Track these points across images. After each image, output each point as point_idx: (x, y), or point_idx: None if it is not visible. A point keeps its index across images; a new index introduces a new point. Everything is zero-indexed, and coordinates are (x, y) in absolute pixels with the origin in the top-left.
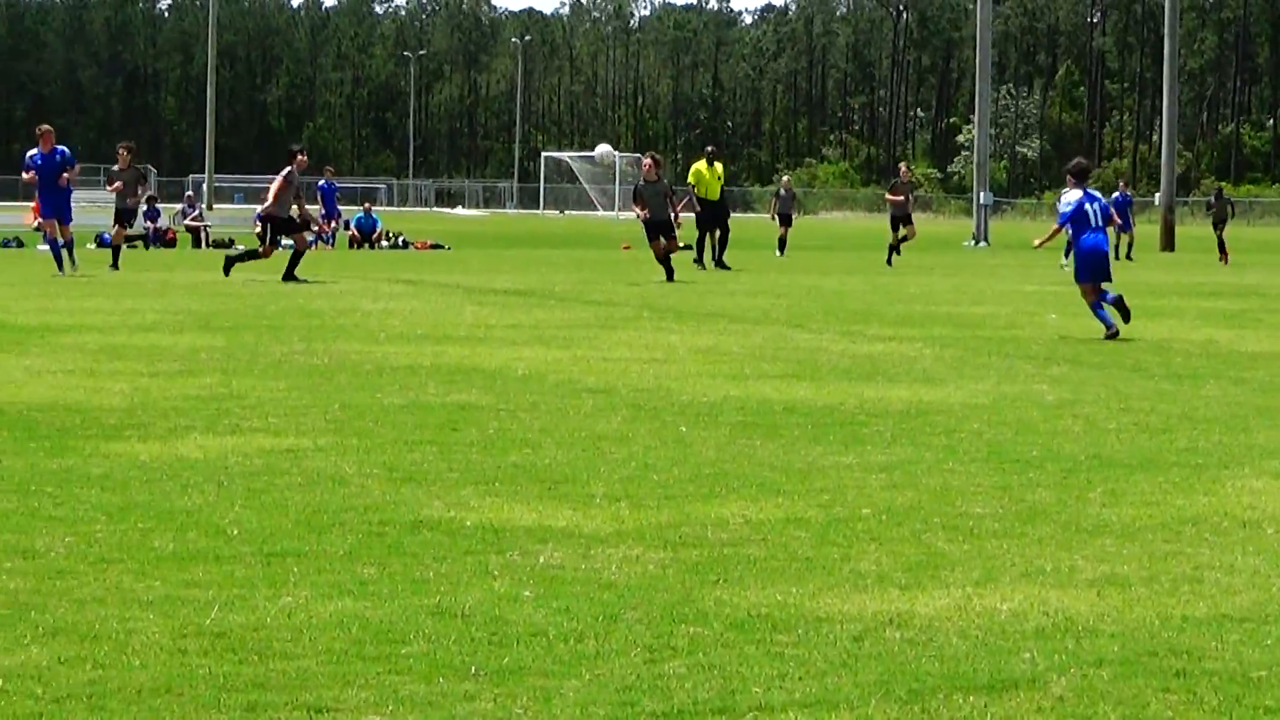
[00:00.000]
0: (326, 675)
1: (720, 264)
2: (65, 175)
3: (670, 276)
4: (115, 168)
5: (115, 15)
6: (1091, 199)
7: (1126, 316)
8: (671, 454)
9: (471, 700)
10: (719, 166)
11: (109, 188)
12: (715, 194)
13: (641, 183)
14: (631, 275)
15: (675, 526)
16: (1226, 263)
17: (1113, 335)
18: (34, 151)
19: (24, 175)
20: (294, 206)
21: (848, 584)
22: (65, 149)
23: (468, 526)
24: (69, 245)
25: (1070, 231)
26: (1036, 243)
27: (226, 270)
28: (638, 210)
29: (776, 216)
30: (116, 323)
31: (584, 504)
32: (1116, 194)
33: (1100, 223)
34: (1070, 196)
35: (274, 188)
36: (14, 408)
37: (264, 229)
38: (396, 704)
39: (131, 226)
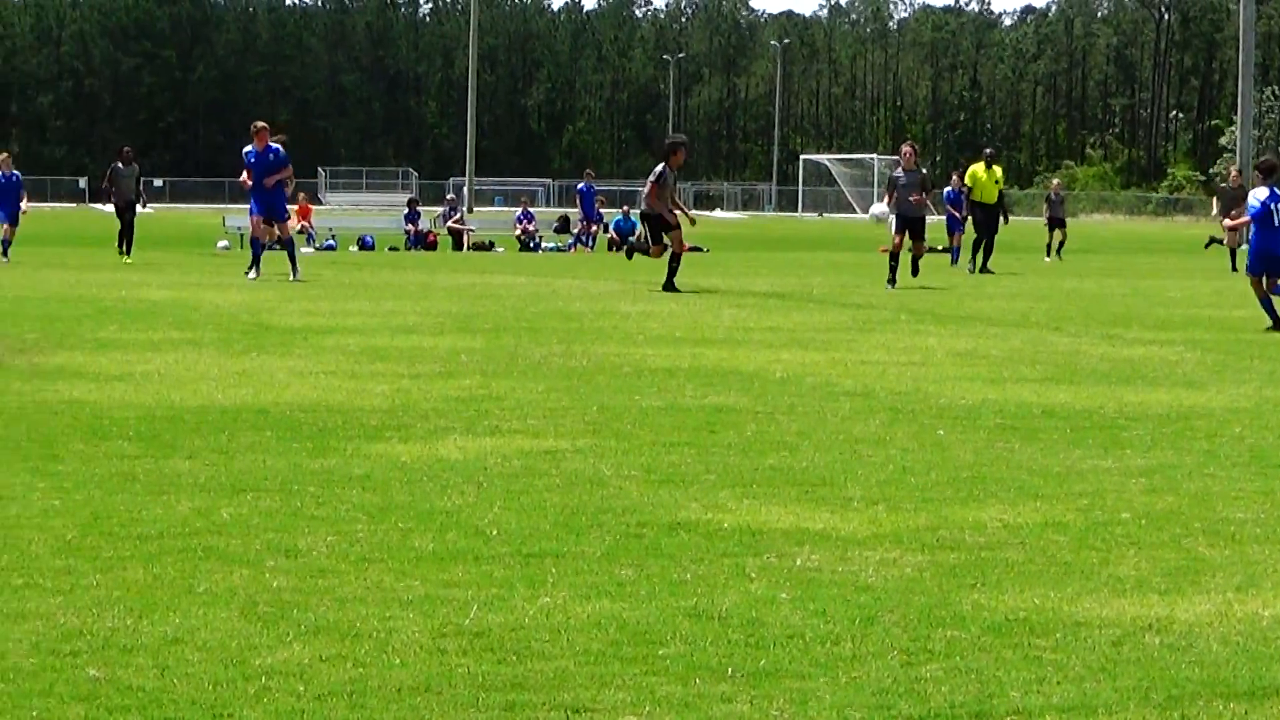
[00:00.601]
0: (584, 676)
1: (984, 269)
2: (275, 177)
3: (915, 272)
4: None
5: (376, 20)
6: (1277, 198)
7: None
8: (929, 457)
9: (728, 702)
10: (997, 170)
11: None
12: (992, 198)
13: (900, 172)
14: (885, 278)
15: (932, 529)
16: None
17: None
18: (249, 148)
19: (242, 175)
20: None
21: (1106, 589)
22: (280, 148)
23: (725, 528)
24: (289, 248)
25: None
26: (1227, 223)
27: (629, 254)
28: (888, 202)
29: (1048, 221)
30: (378, 324)
31: (841, 506)
32: None
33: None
34: (1259, 194)
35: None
36: (278, 408)
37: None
38: (653, 705)
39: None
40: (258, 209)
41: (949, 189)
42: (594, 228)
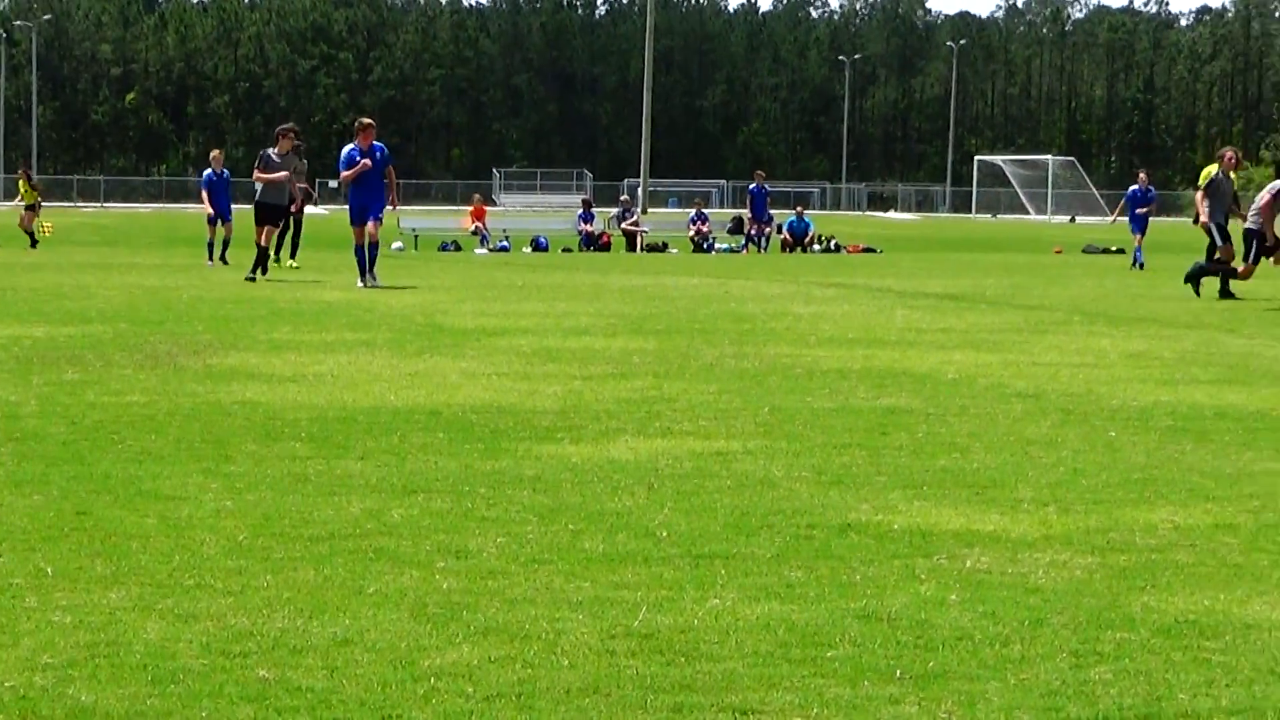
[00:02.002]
0: (752, 677)
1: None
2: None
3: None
4: (272, 152)
5: (551, 21)
6: None
7: None
8: (1100, 459)
9: (896, 704)
10: (1234, 174)
11: (257, 176)
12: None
13: (1220, 175)
14: (1061, 280)
15: (1103, 531)
16: None
17: None
18: (351, 146)
19: (343, 173)
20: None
21: (1277, 591)
22: (384, 146)
23: (895, 530)
24: (373, 250)
25: None
26: None
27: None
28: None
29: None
30: (550, 325)
31: (1011, 508)
32: None
33: None
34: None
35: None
36: (450, 409)
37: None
38: (821, 706)
39: (287, 225)
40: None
41: (1134, 188)
42: (766, 229)
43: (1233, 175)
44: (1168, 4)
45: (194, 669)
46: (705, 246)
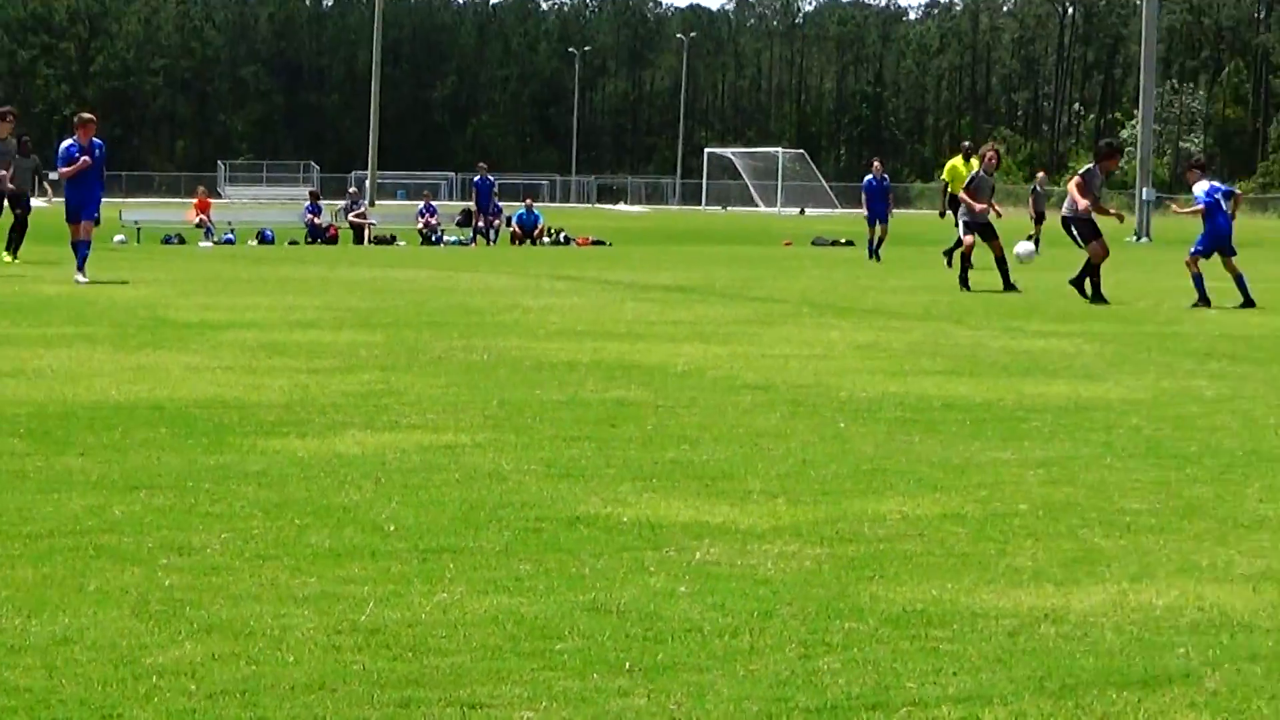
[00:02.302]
0: (481, 671)
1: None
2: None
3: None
4: None
5: (279, 11)
6: (1216, 189)
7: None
8: (830, 450)
9: (625, 696)
10: (975, 163)
11: None
12: None
13: (982, 173)
14: (791, 272)
15: (832, 522)
16: None
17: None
18: (70, 142)
19: (62, 170)
20: None
21: (1004, 579)
22: (103, 143)
23: (624, 522)
24: (85, 249)
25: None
26: (1175, 208)
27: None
28: (976, 206)
29: (1034, 215)
30: (277, 319)
31: (741, 500)
32: None
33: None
34: (1202, 186)
35: None
36: (174, 404)
37: None
38: (550, 700)
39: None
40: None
41: (869, 178)
42: (495, 221)
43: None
44: None
45: None
46: (434, 239)
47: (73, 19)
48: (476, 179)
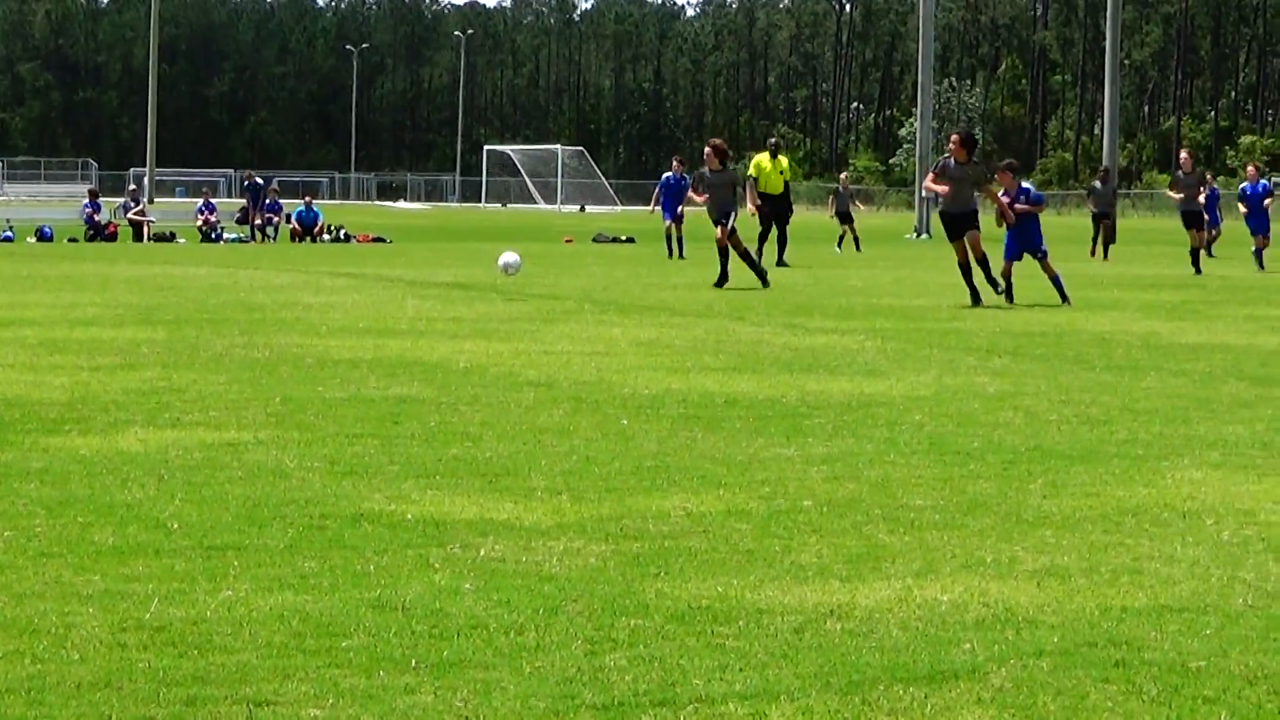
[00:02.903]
0: (266, 669)
1: (781, 263)
2: None
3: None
4: None
5: (55, 9)
6: (1025, 190)
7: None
8: (613, 447)
9: (412, 693)
10: (783, 159)
11: None
12: (778, 188)
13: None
14: (572, 269)
15: (616, 519)
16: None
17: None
18: None
19: None
20: None
21: (789, 576)
22: None
23: (408, 520)
24: None
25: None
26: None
27: None
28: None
29: (835, 215)
30: (56, 316)
31: (525, 497)
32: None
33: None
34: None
35: None
36: None
37: None
38: (337, 697)
39: None
40: None
41: (668, 174)
42: (275, 219)
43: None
44: None
45: None
46: (213, 236)
47: None
48: (245, 184)
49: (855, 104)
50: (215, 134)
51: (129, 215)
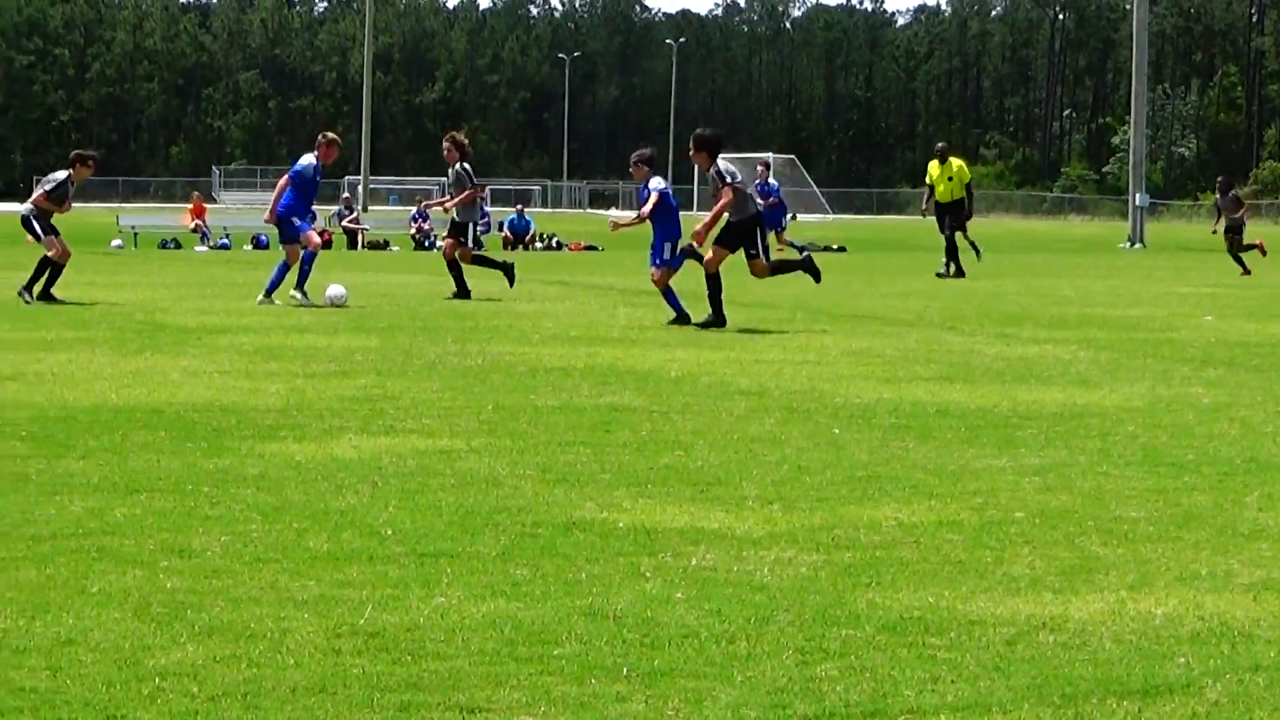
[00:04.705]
0: (479, 676)
1: (958, 273)
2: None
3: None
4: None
5: (272, 18)
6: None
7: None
8: (824, 456)
9: (623, 701)
10: (953, 164)
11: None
12: (945, 195)
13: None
14: (784, 278)
15: (828, 529)
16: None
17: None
18: (311, 160)
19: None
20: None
21: (1001, 587)
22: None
23: (620, 528)
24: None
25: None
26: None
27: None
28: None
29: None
30: (272, 324)
31: (736, 506)
32: None
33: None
34: (656, 182)
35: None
36: (172, 408)
37: None
38: (549, 705)
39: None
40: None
41: (758, 182)
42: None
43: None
44: (883, 3)
45: None
46: (426, 244)
47: (68, 25)
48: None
49: (1068, 111)
50: (428, 142)
51: (343, 223)
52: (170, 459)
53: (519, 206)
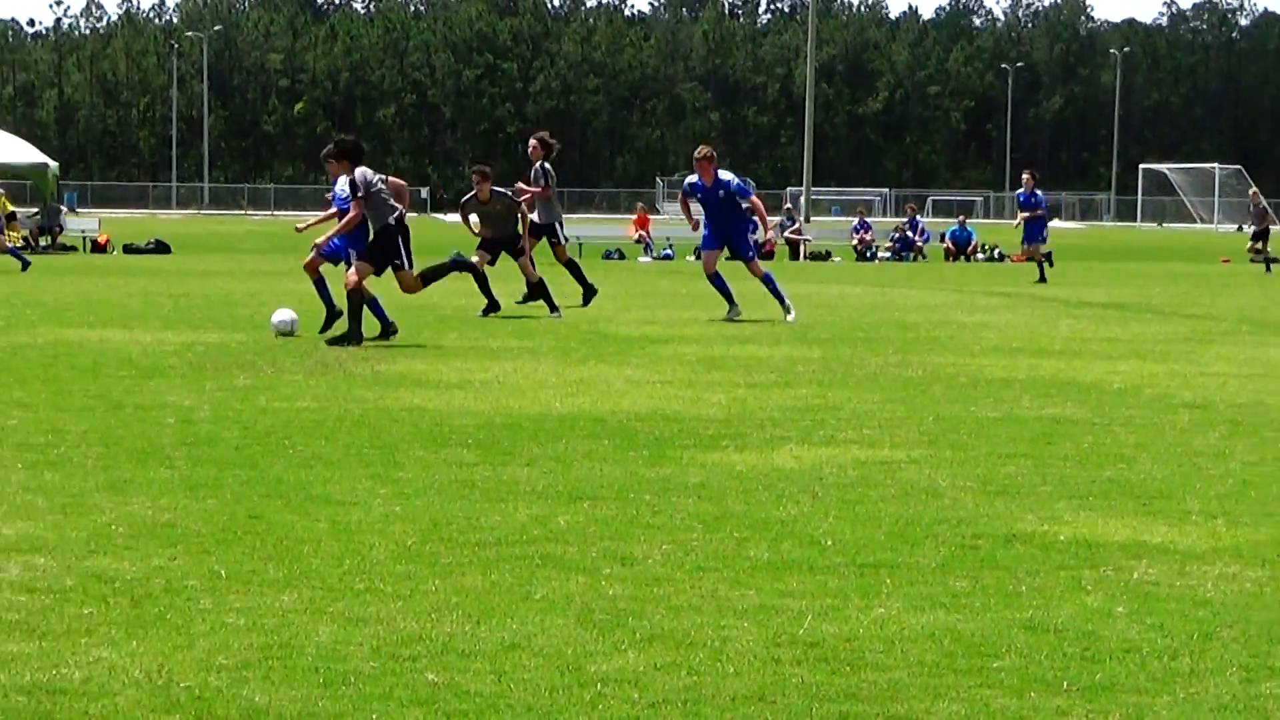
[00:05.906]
0: (917, 687)
1: None
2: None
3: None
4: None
5: (714, 30)
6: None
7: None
8: (1270, 471)
9: (1063, 716)
10: None
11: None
12: None
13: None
14: (1228, 289)
15: (1274, 544)
16: None
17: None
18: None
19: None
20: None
21: None
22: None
23: (1061, 541)
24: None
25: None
26: None
27: None
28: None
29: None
30: (714, 334)
31: (1179, 520)
32: None
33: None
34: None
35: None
36: (615, 417)
37: None
38: (988, 717)
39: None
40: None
41: (1020, 192)
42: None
43: None
44: None
45: (364, 672)
46: (868, 255)
47: (516, 39)
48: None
49: None
50: (870, 153)
51: (785, 234)
52: (613, 467)
53: (960, 218)
